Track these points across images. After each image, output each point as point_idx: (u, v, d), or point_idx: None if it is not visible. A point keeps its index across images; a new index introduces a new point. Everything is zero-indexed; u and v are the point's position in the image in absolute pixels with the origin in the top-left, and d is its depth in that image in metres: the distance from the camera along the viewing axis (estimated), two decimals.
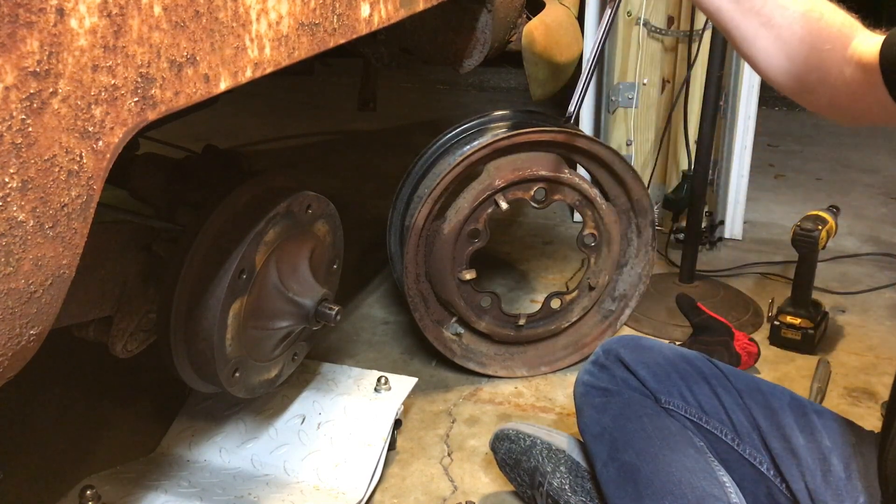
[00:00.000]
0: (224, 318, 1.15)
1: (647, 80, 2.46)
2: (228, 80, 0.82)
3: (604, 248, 1.85)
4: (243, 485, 1.44)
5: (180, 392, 1.74)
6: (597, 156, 1.80)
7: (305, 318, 1.26)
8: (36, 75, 0.61)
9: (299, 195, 1.24)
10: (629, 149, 2.53)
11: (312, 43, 0.94)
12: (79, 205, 0.69)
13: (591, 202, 1.80)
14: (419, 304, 1.77)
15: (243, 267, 1.15)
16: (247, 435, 1.55)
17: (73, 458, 1.56)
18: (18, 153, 0.61)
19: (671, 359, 1.29)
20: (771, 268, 2.34)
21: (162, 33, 0.72)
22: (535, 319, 1.86)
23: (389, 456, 1.55)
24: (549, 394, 1.79)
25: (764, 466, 1.18)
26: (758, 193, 2.64)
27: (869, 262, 2.38)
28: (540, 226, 2.67)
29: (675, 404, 1.24)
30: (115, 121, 0.69)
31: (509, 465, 1.41)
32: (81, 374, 1.83)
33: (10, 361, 0.71)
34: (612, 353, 1.31)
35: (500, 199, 1.72)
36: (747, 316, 2.06)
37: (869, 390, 1.78)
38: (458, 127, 1.89)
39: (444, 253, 1.72)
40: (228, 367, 1.21)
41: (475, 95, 4.24)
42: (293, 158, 3.28)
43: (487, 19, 1.73)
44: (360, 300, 2.19)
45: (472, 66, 1.82)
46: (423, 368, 1.88)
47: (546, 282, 2.29)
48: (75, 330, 1.28)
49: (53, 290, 0.71)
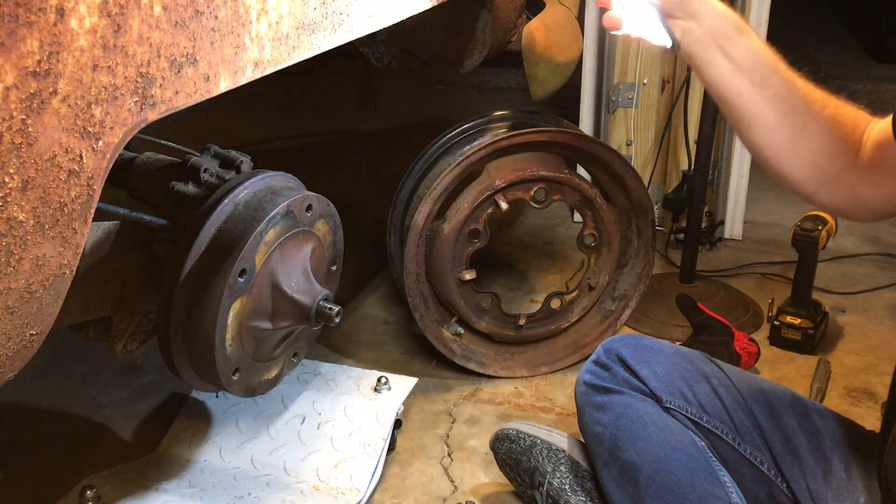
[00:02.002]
0: (224, 318, 1.15)
1: (647, 80, 2.45)
2: (228, 79, 0.81)
3: (604, 248, 1.85)
4: (243, 485, 1.44)
5: (180, 392, 1.74)
6: (597, 156, 1.80)
7: (305, 317, 1.26)
8: (36, 75, 0.61)
9: (299, 195, 1.24)
10: (629, 149, 2.53)
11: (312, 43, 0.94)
12: (79, 205, 0.69)
13: (591, 202, 1.80)
14: (419, 304, 1.77)
15: (243, 267, 1.15)
16: (247, 435, 1.55)
17: (73, 458, 1.56)
18: (18, 153, 0.61)
19: (672, 358, 1.29)
20: (771, 268, 2.34)
21: (162, 33, 0.72)
22: (535, 319, 1.86)
23: (389, 456, 1.55)
24: (549, 394, 1.79)
25: (765, 466, 1.18)
26: (758, 193, 2.64)
27: (869, 262, 2.38)
28: (540, 226, 2.67)
29: (676, 404, 1.24)
30: (115, 120, 0.69)
31: (509, 465, 1.41)
32: (82, 374, 1.83)
33: (10, 361, 0.71)
34: (612, 353, 1.31)
35: (500, 199, 1.72)
36: (747, 316, 2.06)
37: (869, 390, 1.78)
38: (458, 127, 1.88)
39: (444, 253, 1.72)
40: (228, 367, 1.21)
41: (475, 95, 4.24)
42: (293, 158, 3.28)
43: (487, 19, 1.73)
44: (360, 300, 2.18)
45: (472, 66, 1.82)
46: (423, 368, 1.87)
47: (546, 282, 2.29)
48: (75, 330, 1.28)
49: (53, 290, 0.71)
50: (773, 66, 1.03)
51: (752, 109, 1.03)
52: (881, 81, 4.21)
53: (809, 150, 1.03)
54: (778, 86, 1.02)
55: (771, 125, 1.03)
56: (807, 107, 1.02)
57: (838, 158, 1.02)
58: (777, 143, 1.04)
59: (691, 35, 1.05)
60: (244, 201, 1.20)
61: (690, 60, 1.08)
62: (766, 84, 1.02)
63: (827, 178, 1.03)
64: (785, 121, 1.02)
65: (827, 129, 1.02)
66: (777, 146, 1.04)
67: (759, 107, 1.03)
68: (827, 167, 1.03)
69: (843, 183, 1.03)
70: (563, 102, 2.54)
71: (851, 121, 1.02)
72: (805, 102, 1.02)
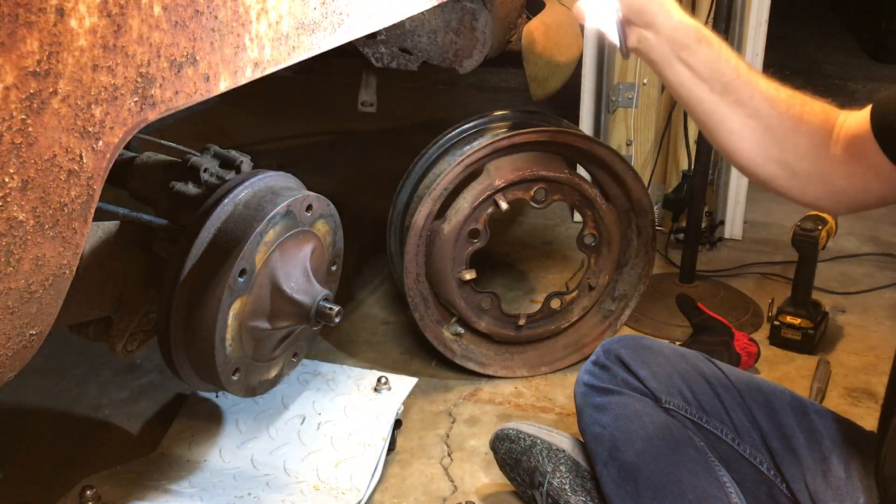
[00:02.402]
0: (224, 318, 1.15)
1: (647, 80, 2.45)
2: (228, 79, 0.82)
3: (604, 248, 1.85)
4: (243, 485, 1.44)
5: (180, 392, 1.74)
6: (597, 156, 1.80)
7: (305, 317, 1.26)
8: (36, 75, 0.61)
9: (299, 195, 1.24)
10: (629, 149, 2.53)
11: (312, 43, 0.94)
12: (79, 204, 0.69)
13: (591, 202, 1.80)
14: (419, 304, 1.77)
15: (243, 267, 1.15)
16: (246, 435, 1.55)
17: (73, 458, 1.56)
18: (18, 153, 0.61)
19: (671, 358, 1.29)
20: (771, 268, 2.34)
21: (162, 33, 0.72)
22: (535, 319, 1.86)
23: (389, 456, 1.55)
24: (549, 394, 1.79)
25: (764, 466, 1.18)
26: (758, 193, 2.63)
27: (869, 262, 2.38)
28: (540, 226, 2.67)
29: (676, 404, 1.24)
30: (115, 120, 0.69)
31: (509, 464, 1.41)
32: (81, 374, 1.83)
33: (10, 361, 0.71)
34: (612, 353, 1.31)
35: (500, 199, 1.72)
36: (747, 316, 2.06)
37: (869, 390, 1.78)
38: (458, 127, 1.88)
39: (444, 253, 1.72)
40: (228, 367, 1.21)
41: (475, 95, 4.23)
42: (293, 158, 3.28)
43: (487, 19, 1.73)
44: (360, 300, 2.19)
45: (472, 66, 1.82)
46: (423, 368, 1.88)
47: (546, 282, 2.29)
48: (75, 330, 1.28)
49: (53, 290, 0.71)
50: (735, 72, 1.04)
51: (715, 115, 1.05)
52: (881, 81, 4.21)
53: (777, 150, 1.04)
54: (740, 91, 1.04)
55: (735, 129, 1.05)
56: (771, 108, 1.03)
57: (807, 155, 1.03)
58: (743, 145, 1.06)
59: (647, 43, 1.07)
60: (244, 201, 1.20)
61: (650, 66, 1.10)
62: (727, 91, 1.04)
63: (798, 174, 1.05)
64: (749, 123, 1.04)
65: (793, 128, 1.03)
66: (744, 148, 1.06)
67: (720, 112, 1.05)
68: (796, 164, 1.04)
69: (816, 177, 1.04)
70: (563, 102, 2.54)
71: (819, 117, 1.03)
72: (769, 104, 1.03)
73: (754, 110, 1.03)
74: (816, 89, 1.13)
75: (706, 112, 1.06)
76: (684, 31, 1.05)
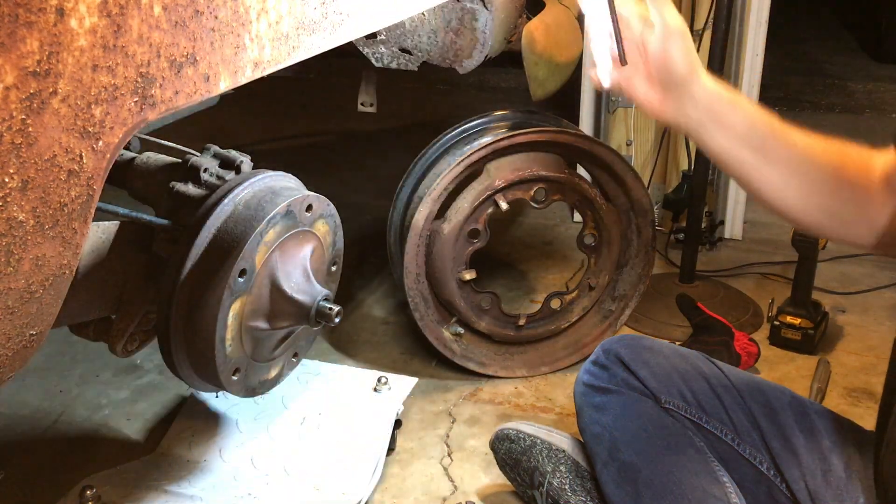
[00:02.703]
0: (224, 317, 1.15)
1: None
2: (228, 79, 0.81)
3: (604, 248, 1.85)
4: (243, 485, 1.44)
5: (180, 392, 1.74)
6: (597, 156, 1.80)
7: (305, 317, 1.26)
8: (36, 75, 0.61)
9: (299, 195, 1.24)
10: (629, 149, 2.53)
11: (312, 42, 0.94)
12: (79, 204, 0.69)
13: (591, 202, 1.80)
14: (419, 304, 1.77)
15: (243, 267, 1.15)
16: (246, 435, 1.55)
17: (73, 458, 1.56)
18: (18, 153, 0.61)
19: (671, 358, 1.29)
20: (771, 268, 2.34)
21: (162, 33, 0.72)
22: (535, 319, 1.86)
23: (389, 456, 1.55)
24: (549, 394, 1.79)
25: (764, 466, 1.18)
26: None
27: (869, 262, 2.38)
28: (540, 226, 2.67)
29: (675, 404, 1.24)
30: (115, 120, 0.69)
31: (509, 464, 1.41)
32: (81, 374, 1.83)
33: (10, 361, 0.71)
34: (612, 353, 1.31)
35: (500, 199, 1.72)
36: (747, 316, 2.06)
37: (869, 390, 1.78)
38: (458, 127, 1.88)
39: (444, 253, 1.73)
40: (228, 367, 1.21)
41: (475, 95, 4.23)
42: (293, 158, 3.28)
43: (487, 19, 1.73)
44: (360, 300, 2.19)
45: (473, 66, 1.82)
46: (423, 368, 1.88)
47: (546, 282, 2.29)
48: (75, 330, 1.28)
49: (53, 290, 0.71)
50: (769, 129, 1.03)
51: (757, 177, 1.04)
52: (881, 81, 4.21)
53: (819, 199, 1.03)
54: (778, 148, 1.03)
55: (779, 185, 1.04)
56: (810, 161, 1.03)
57: (850, 201, 1.02)
58: (788, 199, 1.05)
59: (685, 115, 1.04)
60: (244, 201, 1.20)
61: (688, 136, 1.09)
62: (765, 149, 1.03)
63: (843, 219, 1.04)
64: (791, 181, 1.03)
65: (833, 177, 1.02)
66: (788, 199, 1.05)
67: (761, 171, 1.03)
68: (840, 210, 1.04)
69: (860, 220, 1.03)
70: (563, 102, 2.54)
71: (857, 162, 1.02)
72: (808, 157, 1.03)
73: (796, 166, 1.03)
74: (816, 89, 1.12)
75: (748, 173, 1.05)
76: (718, 98, 1.04)
